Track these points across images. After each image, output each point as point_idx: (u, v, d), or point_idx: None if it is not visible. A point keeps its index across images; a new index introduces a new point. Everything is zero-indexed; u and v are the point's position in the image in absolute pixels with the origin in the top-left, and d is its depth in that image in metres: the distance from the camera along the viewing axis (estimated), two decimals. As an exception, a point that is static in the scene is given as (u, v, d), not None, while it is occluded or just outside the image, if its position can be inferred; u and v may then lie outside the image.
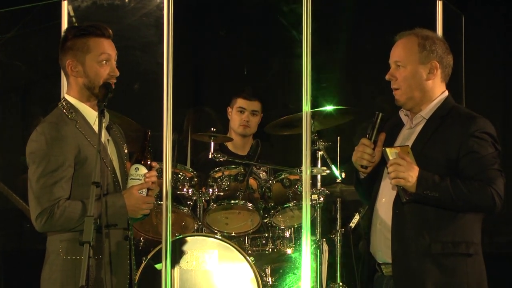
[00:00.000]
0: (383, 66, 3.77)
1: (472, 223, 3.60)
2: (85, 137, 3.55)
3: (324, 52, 6.22)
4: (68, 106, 3.60)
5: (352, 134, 5.94)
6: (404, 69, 3.68)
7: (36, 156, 3.49)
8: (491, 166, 3.53)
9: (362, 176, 3.79)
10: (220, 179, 5.13)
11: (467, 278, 3.56)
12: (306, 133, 4.23)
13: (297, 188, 5.10)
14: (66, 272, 3.49)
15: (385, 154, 3.56)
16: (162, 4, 4.24)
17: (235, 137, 5.79)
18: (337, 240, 5.33)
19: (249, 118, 5.76)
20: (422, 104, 3.70)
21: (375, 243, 3.70)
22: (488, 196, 3.49)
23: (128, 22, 5.52)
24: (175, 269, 4.75)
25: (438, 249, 3.53)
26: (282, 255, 5.18)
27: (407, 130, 3.75)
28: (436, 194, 3.48)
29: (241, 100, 5.78)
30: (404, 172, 3.48)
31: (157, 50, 4.56)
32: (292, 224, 5.20)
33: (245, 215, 5.18)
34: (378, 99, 3.77)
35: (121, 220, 3.55)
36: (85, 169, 3.52)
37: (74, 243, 3.46)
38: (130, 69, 5.39)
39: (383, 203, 3.69)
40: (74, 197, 3.50)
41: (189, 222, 5.19)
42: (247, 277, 4.81)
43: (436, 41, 3.70)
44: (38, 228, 3.50)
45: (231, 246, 4.84)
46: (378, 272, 3.73)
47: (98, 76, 3.58)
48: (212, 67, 6.72)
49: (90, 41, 3.58)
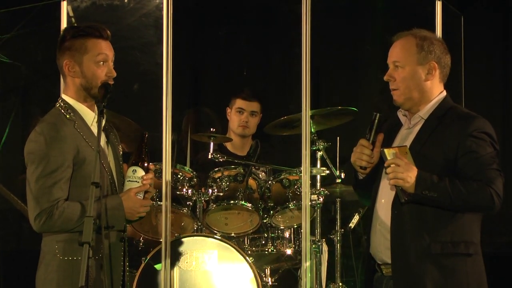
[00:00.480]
0: (383, 66, 3.77)
1: (471, 223, 3.60)
2: (83, 138, 3.55)
3: (324, 52, 6.22)
4: (66, 106, 3.60)
5: (351, 134, 5.94)
6: (402, 69, 3.68)
7: (35, 157, 3.49)
8: (490, 166, 3.53)
9: (361, 177, 3.79)
10: (219, 180, 5.12)
11: (467, 278, 3.56)
12: (306, 133, 4.23)
13: (296, 188, 5.10)
14: (63, 272, 3.49)
15: (383, 154, 3.56)
16: (161, 4, 4.24)
17: (234, 137, 5.79)
18: (336, 240, 5.33)
19: (248, 119, 5.76)
20: (420, 105, 3.70)
21: (375, 243, 3.70)
22: (487, 196, 3.49)
23: (127, 23, 5.52)
24: (174, 269, 4.74)
25: (438, 249, 3.53)
26: (282, 256, 5.18)
27: (406, 130, 3.75)
28: (434, 194, 3.48)
29: (240, 101, 5.78)
30: (403, 172, 3.48)
31: (156, 51, 4.56)
32: (292, 224, 5.20)
33: (244, 215, 5.18)
34: (375, 100, 3.76)
35: (118, 222, 3.56)
36: (83, 170, 3.52)
37: (70, 243, 3.46)
38: (130, 70, 5.41)
39: (382, 204, 3.69)
40: (72, 198, 3.50)
41: (188, 223, 5.19)
42: (246, 278, 4.81)
43: (434, 41, 3.70)
44: (36, 228, 3.50)
45: (231, 247, 4.84)
46: (378, 273, 3.73)
47: (95, 77, 3.58)
48: (212, 68, 6.72)
49: (88, 42, 3.58)
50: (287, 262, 5.21)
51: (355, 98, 6.51)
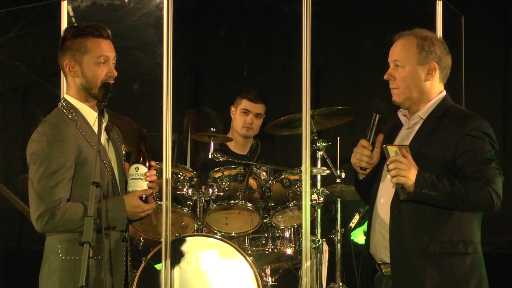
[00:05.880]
0: (383, 66, 3.78)
1: (470, 222, 3.60)
2: (85, 138, 3.55)
3: (324, 52, 6.23)
4: (68, 106, 3.61)
5: (352, 134, 5.94)
6: (402, 69, 3.68)
7: (38, 157, 3.50)
8: (489, 165, 3.53)
9: (361, 177, 3.79)
10: (220, 179, 5.12)
11: (466, 277, 3.56)
12: (306, 133, 4.23)
13: (297, 188, 5.10)
14: (66, 272, 3.49)
15: (386, 151, 3.56)
16: (161, 4, 4.24)
17: (237, 136, 5.78)
18: (337, 240, 5.33)
19: (253, 121, 5.74)
20: (419, 104, 3.70)
21: (375, 243, 3.70)
22: (486, 195, 3.49)
23: (128, 22, 5.53)
24: (175, 269, 4.74)
25: (436, 249, 3.54)
26: (282, 255, 5.18)
27: (405, 130, 3.75)
28: (434, 193, 3.48)
29: (246, 102, 5.74)
30: (405, 170, 3.49)
31: (157, 50, 4.57)
32: (292, 224, 5.19)
33: (245, 215, 5.18)
34: (375, 100, 3.76)
35: (120, 223, 3.57)
36: (85, 170, 3.52)
37: (73, 243, 3.47)
38: (130, 69, 5.41)
39: (381, 203, 3.69)
40: (74, 198, 3.51)
41: (189, 222, 5.19)
42: (247, 277, 4.81)
43: (435, 41, 3.70)
44: (38, 229, 3.51)
45: (231, 246, 4.84)
46: (378, 272, 3.73)
47: (96, 76, 3.58)
48: (212, 67, 6.72)
49: (88, 41, 3.58)
50: (288, 262, 5.21)
51: (355, 98, 6.52)
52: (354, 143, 3.75)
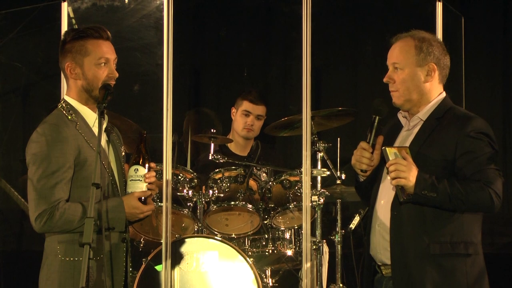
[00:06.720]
0: (383, 67, 3.78)
1: (471, 223, 3.60)
2: (84, 139, 3.56)
3: (324, 53, 6.23)
4: (68, 107, 3.61)
5: (352, 135, 5.94)
6: (402, 71, 3.68)
7: (37, 157, 3.50)
8: (488, 166, 3.53)
9: (361, 179, 3.79)
10: (220, 181, 5.12)
11: (467, 278, 3.56)
12: (306, 134, 4.23)
13: (297, 189, 5.10)
14: (65, 273, 3.50)
15: (385, 153, 3.56)
16: (161, 5, 4.24)
17: (237, 138, 5.78)
18: (337, 241, 5.33)
19: (254, 122, 5.73)
20: (419, 106, 3.70)
21: (375, 244, 3.70)
22: (486, 196, 3.49)
23: (128, 24, 5.52)
24: (175, 270, 4.75)
25: (437, 250, 3.54)
26: (282, 257, 5.18)
27: (405, 132, 3.75)
28: (434, 195, 3.48)
29: (247, 103, 5.74)
30: (405, 171, 3.49)
31: (157, 52, 4.57)
32: (292, 225, 5.19)
33: (245, 216, 5.18)
34: (374, 102, 3.76)
35: (119, 224, 3.57)
36: (84, 171, 3.53)
37: (72, 244, 3.47)
38: (130, 71, 5.41)
39: (382, 205, 3.69)
40: (73, 199, 3.51)
41: (189, 224, 5.19)
42: (247, 279, 4.81)
43: (433, 43, 3.71)
44: (37, 229, 3.51)
45: (231, 248, 4.84)
46: (378, 274, 3.73)
47: (96, 78, 3.59)
48: (212, 68, 6.72)
49: (88, 43, 3.59)
50: (288, 263, 5.21)
51: (355, 99, 6.52)
52: (354, 144, 3.75)
